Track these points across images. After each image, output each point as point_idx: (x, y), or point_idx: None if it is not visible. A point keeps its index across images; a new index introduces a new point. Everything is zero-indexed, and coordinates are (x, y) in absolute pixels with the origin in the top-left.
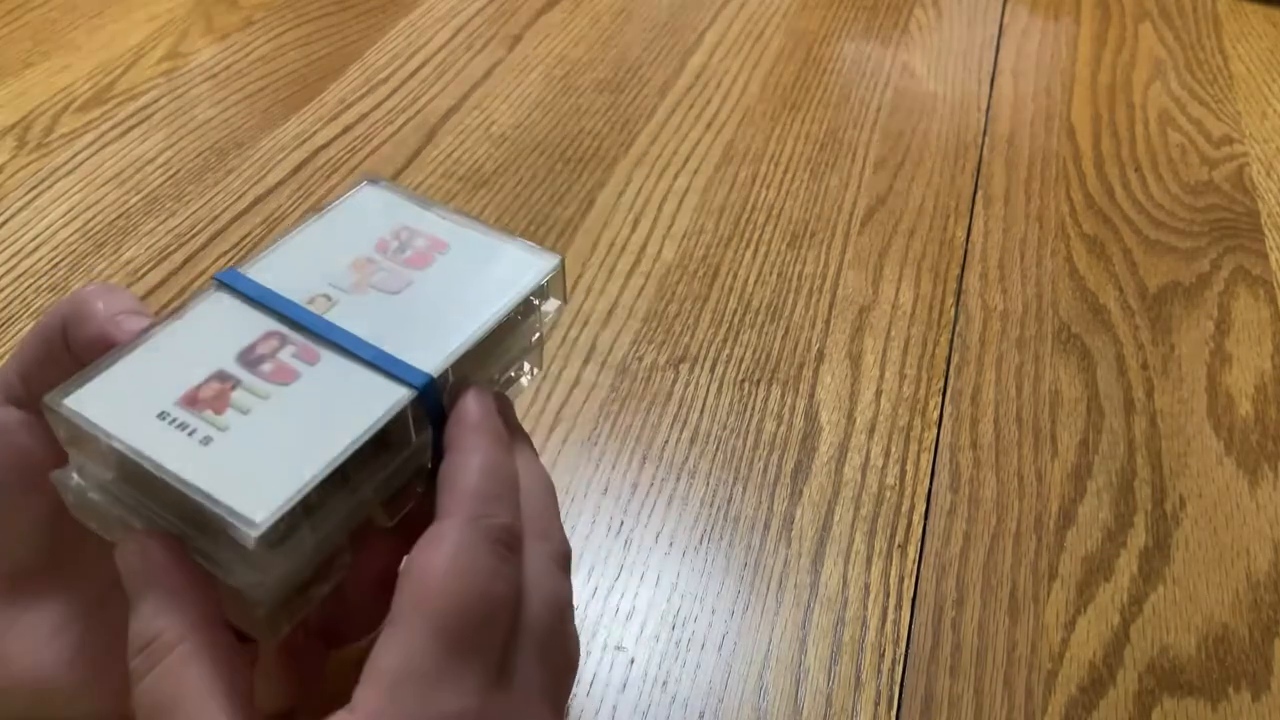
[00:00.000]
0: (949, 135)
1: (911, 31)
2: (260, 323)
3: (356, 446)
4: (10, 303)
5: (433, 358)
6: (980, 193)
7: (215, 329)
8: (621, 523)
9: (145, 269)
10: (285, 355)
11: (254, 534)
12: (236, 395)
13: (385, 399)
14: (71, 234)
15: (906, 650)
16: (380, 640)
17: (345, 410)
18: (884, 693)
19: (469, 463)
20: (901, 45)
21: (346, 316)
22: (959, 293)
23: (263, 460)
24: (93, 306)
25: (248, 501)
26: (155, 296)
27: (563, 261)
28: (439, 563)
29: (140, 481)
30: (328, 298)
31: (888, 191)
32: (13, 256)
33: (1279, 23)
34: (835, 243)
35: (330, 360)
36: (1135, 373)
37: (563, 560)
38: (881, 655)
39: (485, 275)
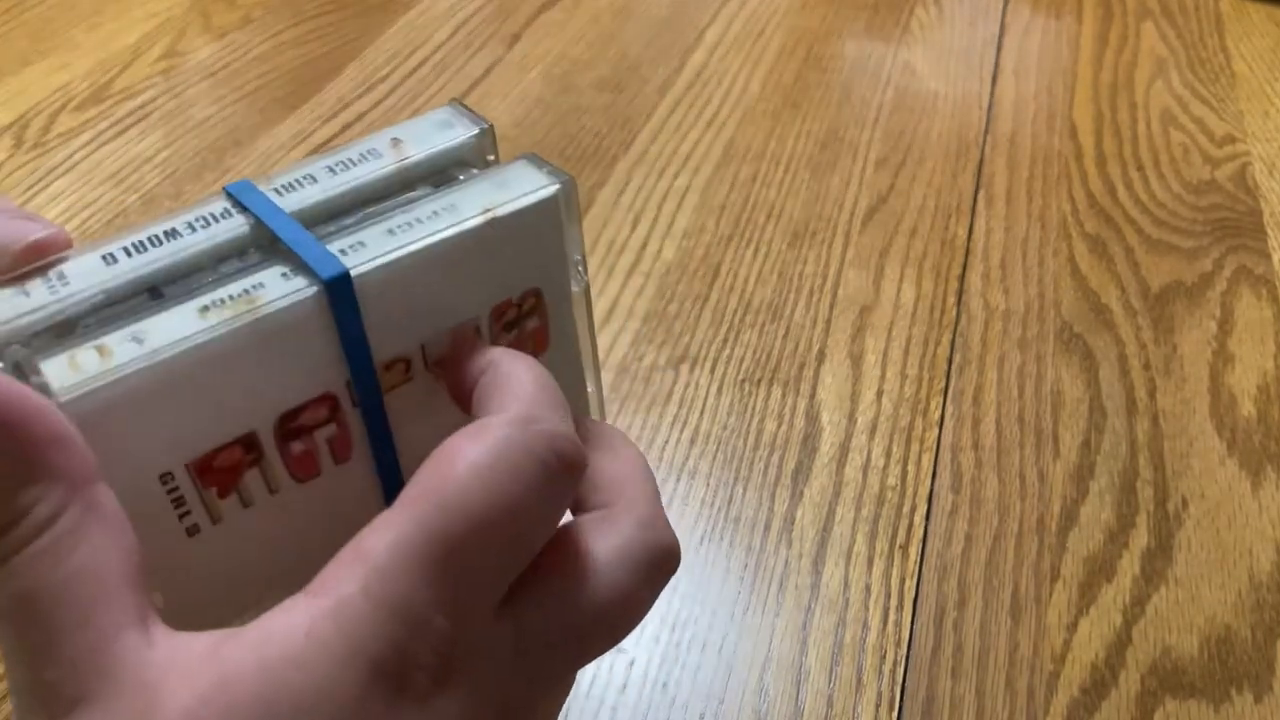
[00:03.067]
0: (950, 134)
1: (913, 30)
2: (329, 376)
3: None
4: None
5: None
6: (982, 192)
7: (287, 360)
8: None
9: None
10: (321, 438)
11: None
12: (249, 478)
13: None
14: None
15: (908, 652)
16: (376, 520)
17: (325, 534)
18: (885, 694)
19: (518, 369)
20: (903, 44)
21: (405, 403)
22: (960, 292)
23: (227, 577)
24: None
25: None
26: None
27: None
28: (473, 453)
29: None
30: (406, 366)
31: (889, 191)
32: None
33: None
34: (836, 242)
35: (357, 465)
36: (1137, 373)
37: (664, 563)
38: (883, 657)
39: None
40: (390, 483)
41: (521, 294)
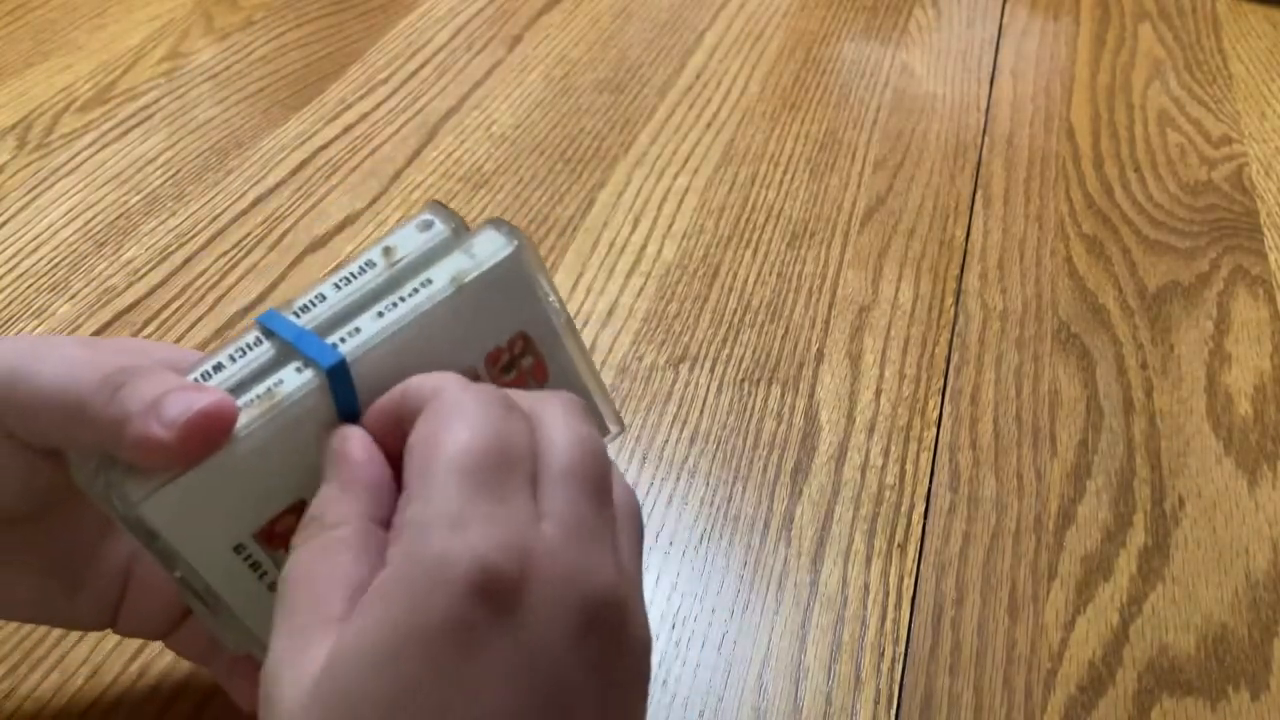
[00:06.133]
0: (948, 135)
1: (911, 32)
2: None
3: None
4: (10, 303)
5: None
6: (980, 193)
7: (308, 444)
8: None
9: (146, 269)
10: None
11: None
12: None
13: None
14: (72, 234)
15: (906, 649)
16: (399, 503)
17: None
18: (884, 691)
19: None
20: (901, 45)
21: None
22: (959, 292)
23: None
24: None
25: None
26: (156, 296)
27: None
28: (440, 421)
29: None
30: None
31: (887, 191)
32: (13, 256)
33: (1278, 23)
34: (835, 242)
35: None
36: (1134, 372)
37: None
38: (881, 654)
39: None
40: None
41: (509, 340)
